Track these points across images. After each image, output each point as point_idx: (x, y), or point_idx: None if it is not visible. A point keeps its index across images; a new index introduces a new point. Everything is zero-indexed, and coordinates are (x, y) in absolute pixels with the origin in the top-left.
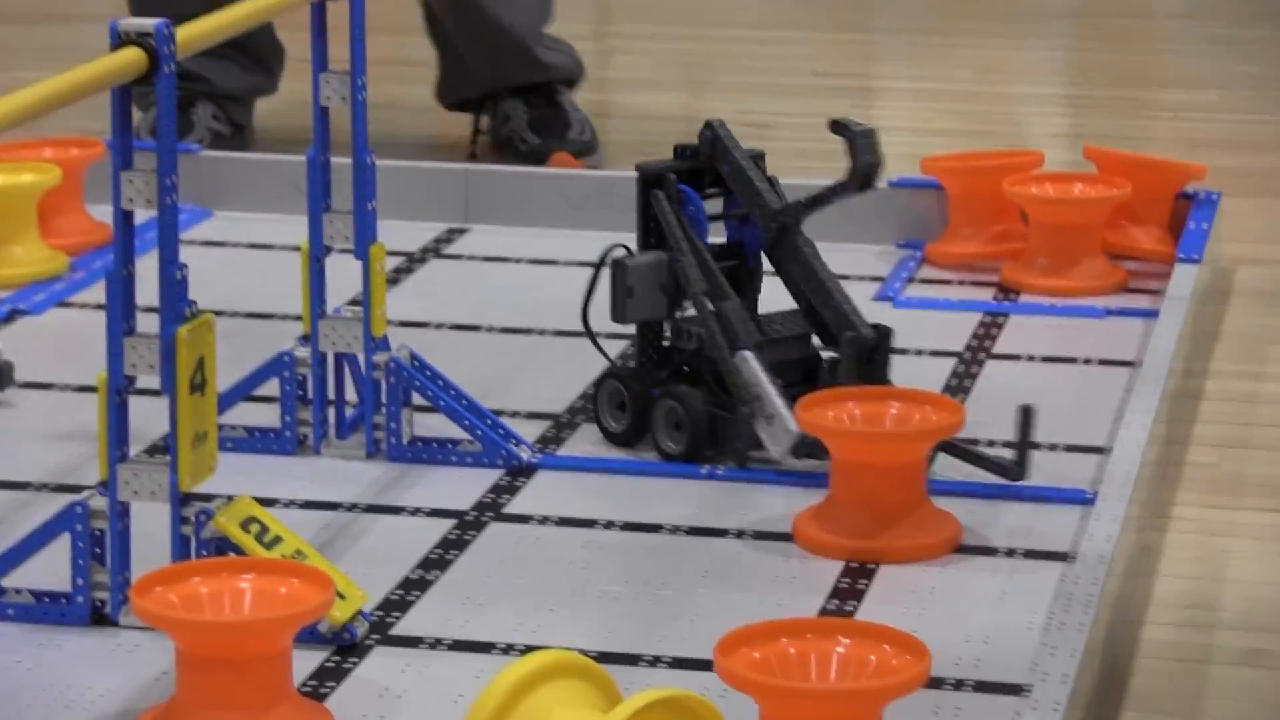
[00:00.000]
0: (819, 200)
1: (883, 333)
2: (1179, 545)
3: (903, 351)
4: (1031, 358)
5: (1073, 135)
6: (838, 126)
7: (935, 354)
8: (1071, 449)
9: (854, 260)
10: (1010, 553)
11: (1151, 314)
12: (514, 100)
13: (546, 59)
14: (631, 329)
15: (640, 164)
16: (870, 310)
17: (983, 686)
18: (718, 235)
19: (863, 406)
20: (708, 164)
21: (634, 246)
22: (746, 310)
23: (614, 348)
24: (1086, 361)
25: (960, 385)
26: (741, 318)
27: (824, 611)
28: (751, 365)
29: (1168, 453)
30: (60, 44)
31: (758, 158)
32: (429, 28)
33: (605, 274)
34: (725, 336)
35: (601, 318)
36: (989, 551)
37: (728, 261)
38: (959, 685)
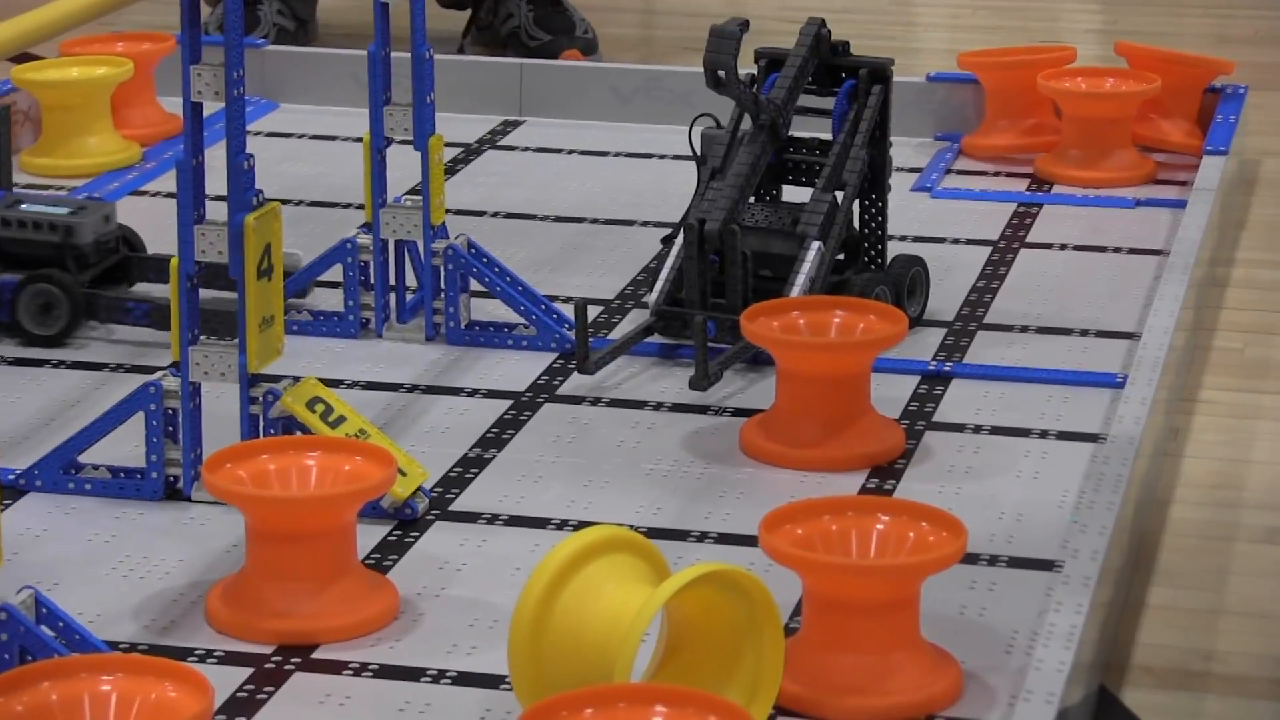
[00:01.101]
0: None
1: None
2: (1205, 428)
3: (940, 240)
4: (1064, 246)
5: (1105, 31)
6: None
7: (971, 242)
8: (1102, 334)
9: (894, 152)
10: (1043, 434)
11: (1179, 204)
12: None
13: None
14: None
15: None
16: (908, 199)
17: (1016, 562)
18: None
19: (807, 316)
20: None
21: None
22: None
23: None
24: (1117, 250)
25: (995, 273)
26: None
27: (864, 490)
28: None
29: (1195, 338)
30: None
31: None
32: None
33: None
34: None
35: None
36: (1023, 433)
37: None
38: (993, 561)
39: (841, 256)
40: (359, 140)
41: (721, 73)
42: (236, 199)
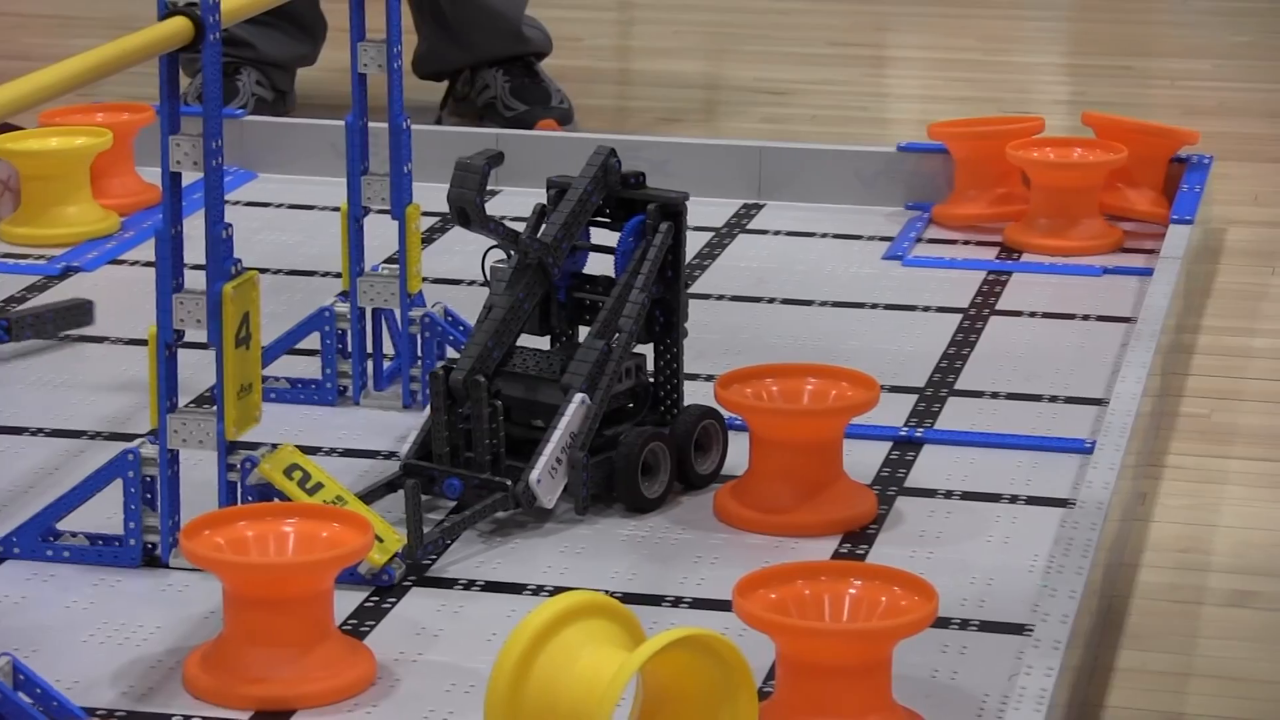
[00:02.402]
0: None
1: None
2: (1173, 492)
3: (911, 307)
4: (1033, 314)
5: (1073, 102)
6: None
7: (941, 310)
8: (1071, 400)
9: (865, 221)
10: (1013, 499)
11: (1146, 272)
12: (491, 71)
13: (528, 34)
14: None
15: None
16: (879, 268)
17: (987, 626)
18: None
19: (780, 383)
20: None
21: None
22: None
23: None
24: (1085, 317)
25: (965, 340)
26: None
27: (837, 555)
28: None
29: (1162, 404)
30: (118, 14)
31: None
32: (415, 4)
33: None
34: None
35: None
36: (993, 498)
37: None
38: (964, 625)
39: (631, 405)
40: (337, 209)
41: (466, 209)
42: (215, 268)
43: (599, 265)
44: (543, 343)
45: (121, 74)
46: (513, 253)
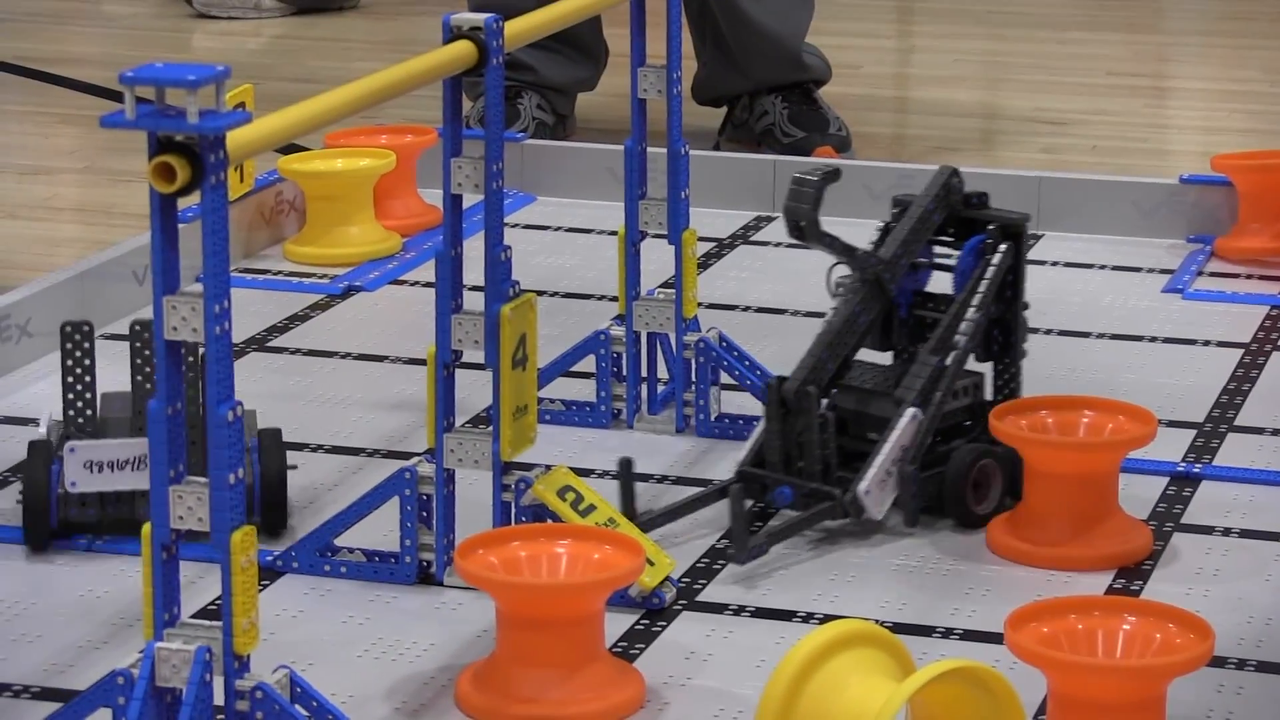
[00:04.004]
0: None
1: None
2: None
3: (1191, 341)
4: None
5: None
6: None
7: (1222, 345)
8: None
9: (1145, 253)
10: None
11: None
12: (770, 97)
13: (807, 61)
14: None
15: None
16: (1159, 301)
17: (1265, 666)
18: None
19: (1055, 415)
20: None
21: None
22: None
23: None
24: None
25: (1246, 375)
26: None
27: (1110, 590)
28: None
29: None
30: (398, 37)
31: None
32: (696, 30)
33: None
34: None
35: None
36: (1273, 536)
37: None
38: (1241, 665)
39: (968, 423)
40: (614, 233)
41: (802, 223)
42: (493, 289)
43: (943, 284)
44: (885, 358)
45: (405, 96)
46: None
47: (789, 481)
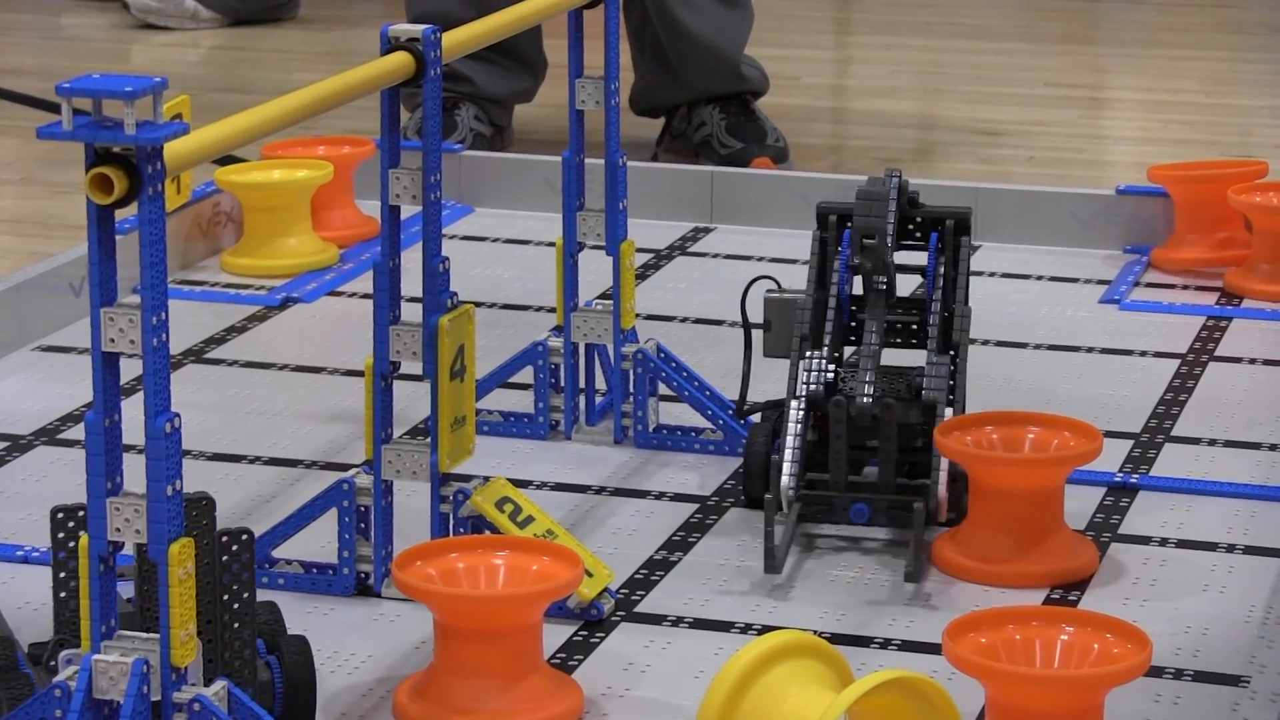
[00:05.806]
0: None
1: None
2: None
3: (1128, 352)
4: (1253, 360)
5: None
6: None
7: (1159, 355)
8: None
9: (1082, 264)
10: (1230, 548)
11: None
12: (708, 108)
13: (745, 72)
14: None
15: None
16: (1096, 311)
17: (1202, 676)
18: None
19: (1000, 431)
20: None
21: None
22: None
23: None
24: None
25: (1183, 386)
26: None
27: (1048, 601)
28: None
29: None
30: (337, 48)
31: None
32: (635, 41)
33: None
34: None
35: None
36: (1210, 546)
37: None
38: (1179, 674)
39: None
40: (552, 244)
41: (877, 236)
42: (431, 300)
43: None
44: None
45: (342, 107)
46: (811, 280)
47: (862, 498)
